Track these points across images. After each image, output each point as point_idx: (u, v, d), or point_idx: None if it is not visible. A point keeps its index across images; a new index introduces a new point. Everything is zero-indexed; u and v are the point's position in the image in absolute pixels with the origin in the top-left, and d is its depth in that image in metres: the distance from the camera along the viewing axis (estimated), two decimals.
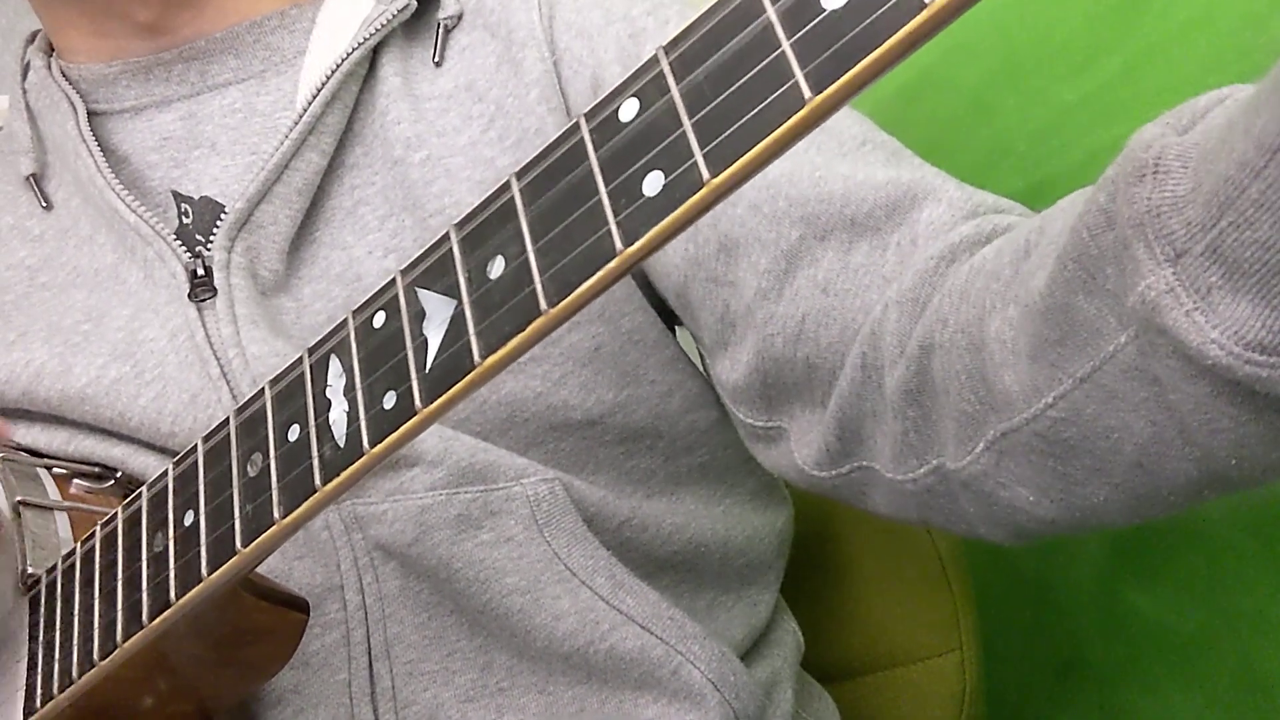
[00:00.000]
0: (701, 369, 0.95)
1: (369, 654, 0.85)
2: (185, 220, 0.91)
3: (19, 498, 0.80)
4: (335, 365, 0.59)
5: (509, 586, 0.84)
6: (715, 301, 0.84)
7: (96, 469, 0.87)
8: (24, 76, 0.99)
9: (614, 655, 0.85)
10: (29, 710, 0.74)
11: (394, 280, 0.57)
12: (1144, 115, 0.59)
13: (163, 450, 0.86)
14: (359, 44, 0.89)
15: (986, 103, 1.12)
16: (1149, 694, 1.05)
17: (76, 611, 0.72)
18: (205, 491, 0.65)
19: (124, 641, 0.68)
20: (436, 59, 0.92)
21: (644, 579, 0.88)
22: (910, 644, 1.11)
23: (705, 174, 0.45)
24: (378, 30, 0.90)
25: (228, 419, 0.66)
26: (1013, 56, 1.07)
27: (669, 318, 0.93)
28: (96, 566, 0.72)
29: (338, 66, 0.89)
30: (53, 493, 0.83)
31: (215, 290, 0.86)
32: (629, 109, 0.48)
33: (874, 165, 0.81)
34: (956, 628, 1.09)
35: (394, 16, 0.91)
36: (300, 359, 0.62)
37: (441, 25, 0.92)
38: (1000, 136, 1.10)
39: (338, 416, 0.58)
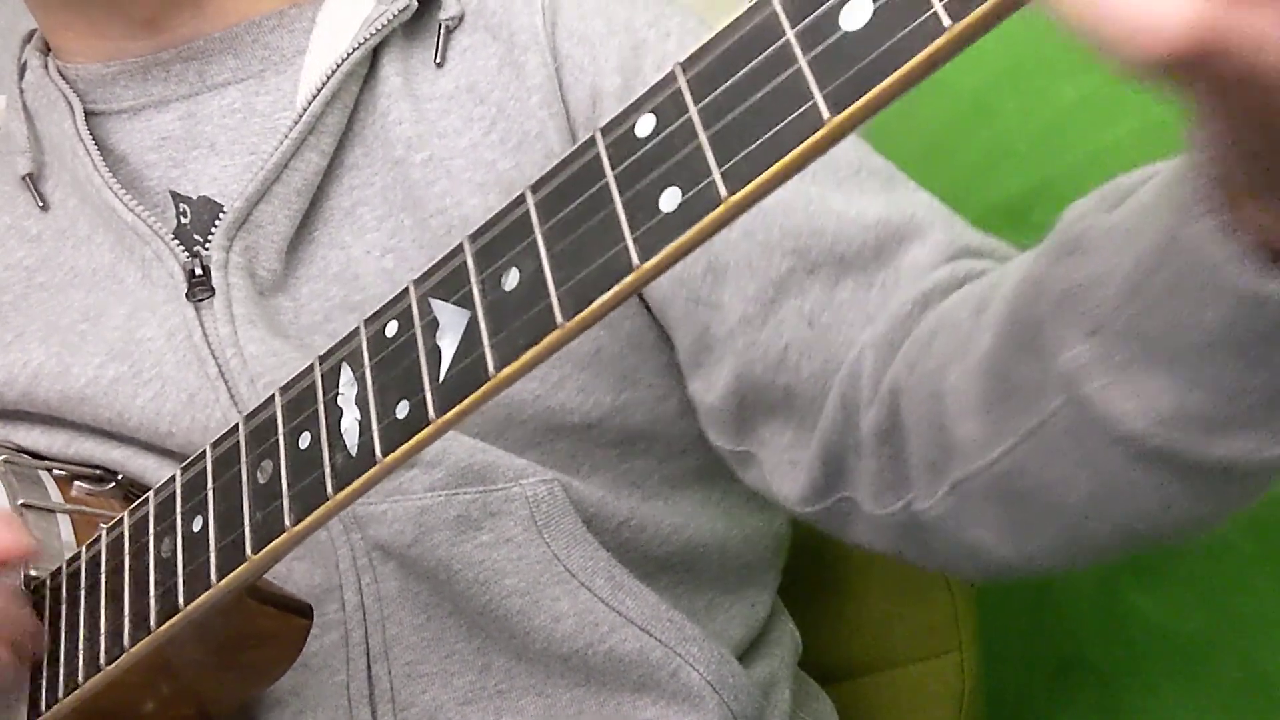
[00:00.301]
0: None
1: (368, 655, 0.85)
2: (183, 220, 0.90)
3: (21, 500, 0.80)
4: (347, 373, 0.60)
5: (508, 588, 0.84)
6: (694, 322, 0.85)
7: (97, 471, 0.87)
8: (21, 76, 0.99)
9: (613, 657, 0.85)
10: (33, 714, 0.74)
11: (407, 290, 0.58)
12: (1144, 117, 0.60)
13: (162, 451, 0.86)
14: (360, 44, 0.89)
15: (987, 104, 1.12)
16: (1149, 694, 1.05)
17: (82, 615, 0.73)
18: (214, 497, 0.65)
19: (131, 646, 0.69)
20: (438, 60, 0.91)
21: (643, 580, 0.88)
22: (909, 644, 1.11)
23: (723, 191, 0.45)
24: (379, 30, 0.90)
25: (236, 425, 0.66)
26: (1014, 57, 1.06)
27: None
28: (102, 570, 0.72)
29: (338, 66, 0.88)
30: (54, 495, 0.83)
31: (213, 290, 0.86)
32: (645, 125, 0.48)
33: (867, 197, 0.83)
34: (956, 628, 1.09)
35: (395, 16, 0.90)
36: (311, 367, 0.62)
37: (443, 26, 0.92)
38: (1001, 137, 1.10)
39: (349, 425, 0.59)
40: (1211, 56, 0.38)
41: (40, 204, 0.95)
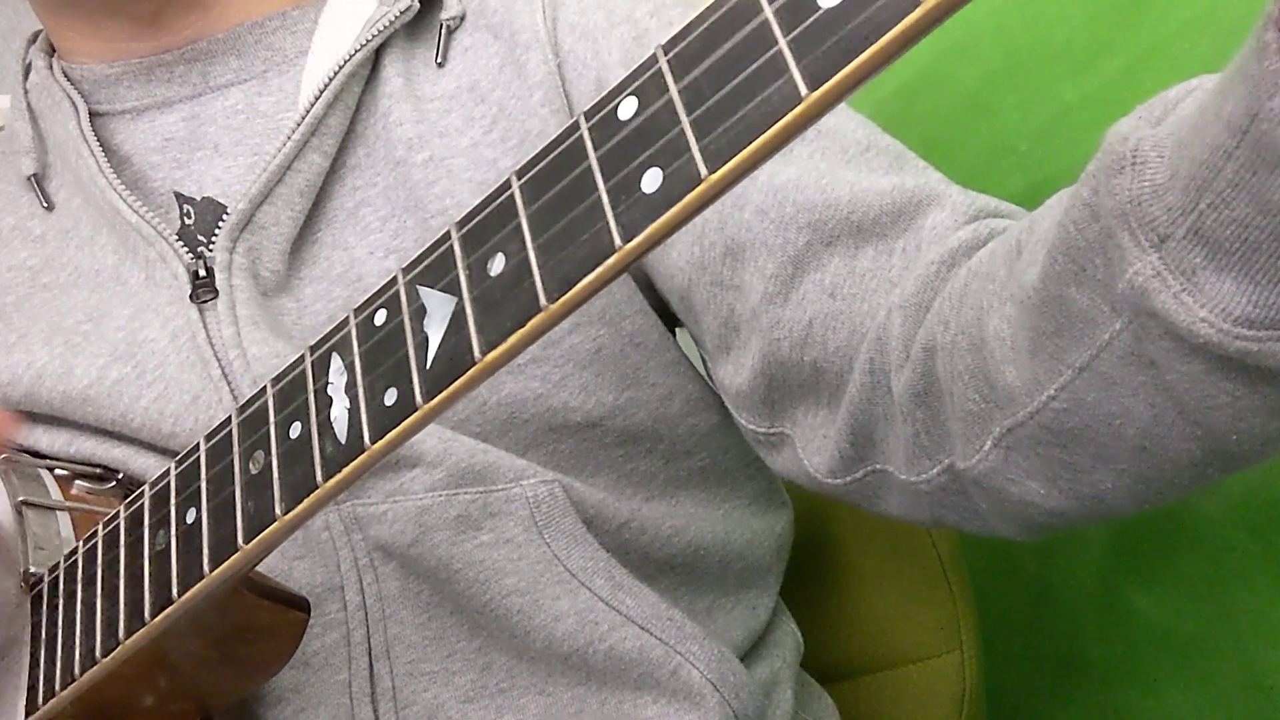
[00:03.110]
0: (703, 372, 0.95)
1: (369, 654, 0.85)
2: (187, 221, 0.91)
3: (21, 498, 0.80)
4: (336, 362, 0.60)
5: (508, 587, 0.84)
6: (720, 305, 0.84)
7: (98, 470, 0.87)
8: (25, 77, 0.99)
9: (613, 656, 0.85)
10: (31, 708, 0.74)
11: (395, 278, 0.58)
12: None
13: (164, 451, 0.86)
14: (362, 45, 0.89)
15: (986, 102, 1.12)
16: (1149, 694, 1.05)
17: (79, 609, 0.73)
18: (207, 489, 0.66)
19: (126, 638, 0.69)
20: (439, 60, 0.92)
21: (643, 581, 0.88)
22: (910, 644, 1.11)
23: (703, 170, 0.45)
24: (381, 31, 0.90)
25: (230, 417, 0.66)
26: (1013, 56, 1.07)
27: (669, 321, 0.93)
28: (99, 564, 0.73)
29: (340, 67, 0.89)
30: (55, 493, 0.83)
31: (216, 291, 0.86)
32: (628, 107, 0.48)
33: (878, 171, 0.82)
34: (956, 628, 1.09)
35: (397, 17, 0.91)
36: (302, 356, 0.62)
37: (444, 26, 0.92)
38: (1000, 136, 1.10)
39: (339, 413, 0.59)
40: None
41: (44, 204, 0.95)
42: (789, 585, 1.04)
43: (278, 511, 0.61)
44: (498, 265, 0.52)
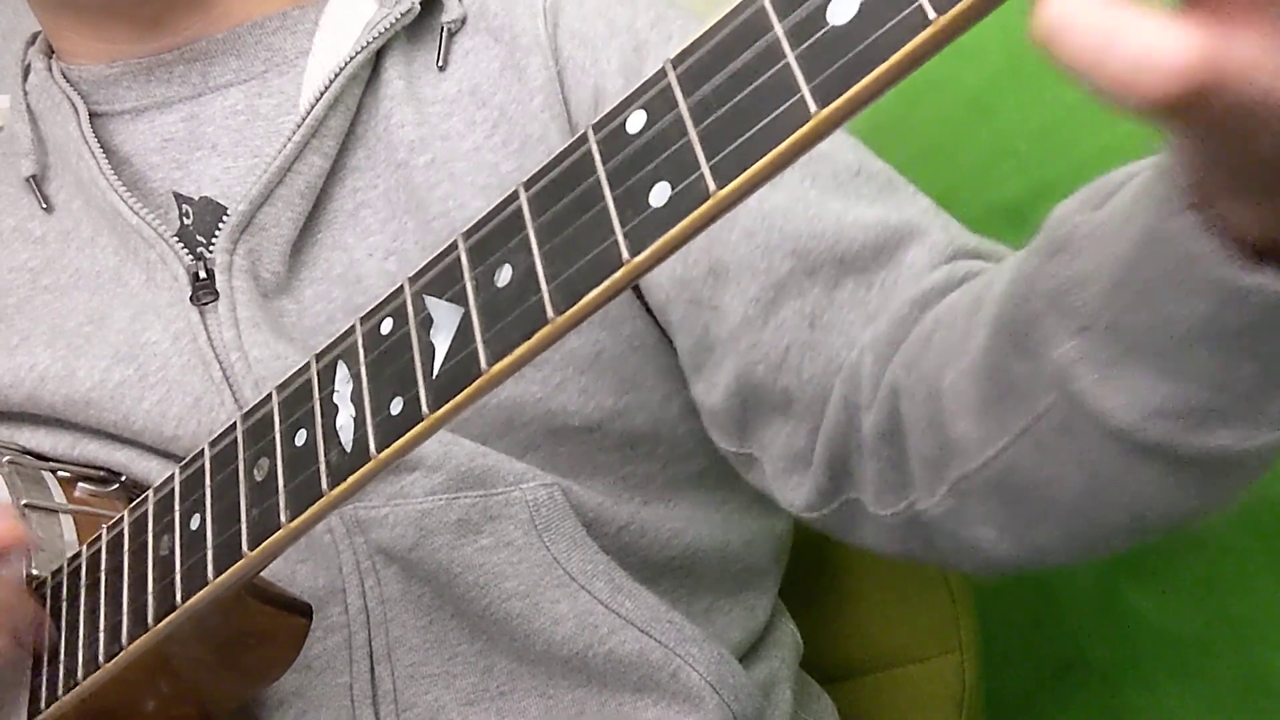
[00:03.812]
0: None
1: (370, 657, 0.85)
2: (186, 221, 0.91)
3: (24, 500, 0.80)
4: (342, 371, 0.60)
5: (508, 591, 0.84)
6: (694, 324, 0.85)
7: (101, 473, 0.87)
8: (25, 78, 0.99)
9: (613, 658, 0.85)
10: (33, 712, 0.74)
11: (402, 287, 0.58)
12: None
13: (166, 454, 0.86)
14: (363, 47, 0.89)
15: (988, 103, 1.12)
16: (1149, 694, 1.05)
17: (82, 614, 0.73)
18: (212, 495, 0.66)
19: (129, 644, 0.69)
20: (440, 63, 0.92)
21: (643, 584, 0.88)
22: (909, 645, 1.11)
23: (711, 186, 0.45)
24: (382, 33, 0.90)
25: (234, 423, 0.66)
26: (1014, 57, 1.06)
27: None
28: (102, 569, 0.73)
29: (341, 69, 0.89)
30: (58, 496, 0.83)
31: (217, 293, 0.86)
32: (636, 121, 0.48)
33: (865, 200, 0.83)
34: (956, 628, 1.09)
35: (398, 20, 0.91)
36: (308, 364, 0.62)
37: (445, 29, 0.92)
38: (1001, 137, 1.10)
39: (344, 422, 0.59)
40: (1209, 91, 0.38)
41: (44, 206, 0.95)
42: (789, 585, 1.04)
43: (283, 519, 0.61)
44: (505, 276, 0.52)
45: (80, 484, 0.86)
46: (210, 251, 0.88)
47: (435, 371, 0.55)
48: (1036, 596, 1.15)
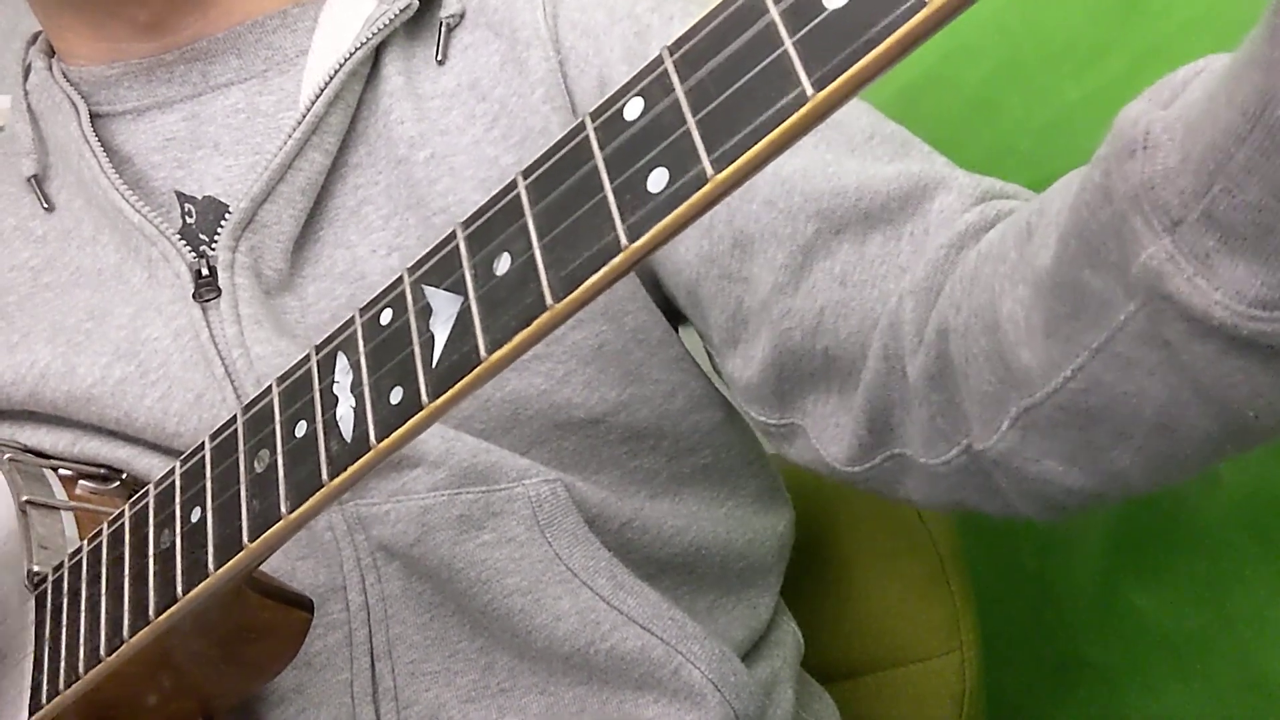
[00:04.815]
0: (706, 369, 0.95)
1: (371, 654, 0.85)
2: (188, 220, 0.91)
3: (25, 497, 0.80)
4: (342, 361, 0.60)
5: (510, 587, 0.84)
6: (728, 298, 0.85)
7: (102, 470, 0.87)
8: (25, 78, 0.99)
9: (615, 655, 0.85)
10: (35, 707, 0.74)
11: (401, 277, 0.58)
12: None
13: (168, 451, 0.86)
14: (362, 43, 0.90)
15: (990, 102, 1.12)
16: (1149, 694, 1.05)
17: (83, 608, 0.73)
18: (212, 488, 0.66)
19: (130, 637, 0.69)
20: (439, 58, 0.92)
21: (645, 581, 0.88)
22: (910, 644, 1.11)
23: (709, 171, 0.46)
24: (380, 29, 0.90)
25: (235, 416, 0.66)
26: (1016, 55, 1.07)
27: (673, 318, 0.93)
28: (103, 563, 0.73)
29: (341, 66, 0.89)
30: (59, 493, 0.83)
31: (219, 290, 0.86)
32: (634, 107, 0.49)
33: (883, 159, 0.83)
34: (956, 628, 1.09)
35: (396, 15, 0.91)
36: (308, 356, 0.62)
37: (444, 24, 0.92)
38: (1004, 135, 1.10)
39: (344, 412, 0.59)
40: None
41: (45, 205, 0.95)
42: (789, 585, 1.04)
43: (283, 510, 0.61)
44: (503, 265, 0.52)
45: (81, 481, 0.86)
46: (213, 249, 0.88)
47: (435, 361, 0.55)
48: (1036, 596, 1.15)
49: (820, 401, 0.83)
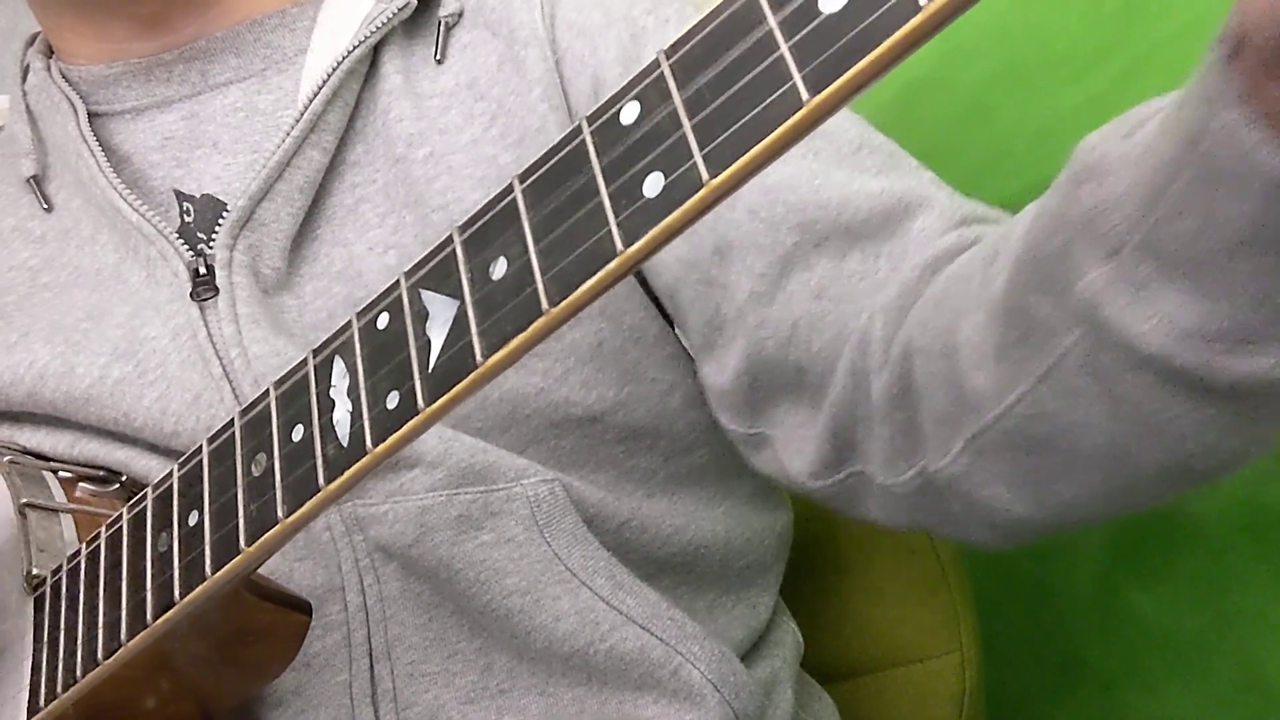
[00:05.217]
0: None
1: (370, 655, 0.85)
2: (187, 218, 0.91)
3: (24, 500, 0.80)
4: (339, 365, 0.60)
5: (509, 587, 0.84)
6: (706, 303, 0.85)
7: (101, 472, 0.87)
8: (24, 79, 0.99)
9: (614, 656, 0.85)
10: (33, 709, 0.74)
11: (398, 281, 0.58)
12: None
13: (166, 451, 0.86)
14: (360, 42, 0.90)
15: (986, 105, 1.12)
16: (1149, 694, 1.05)
17: (81, 611, 0.73)
18: (210, 491, 0.66)
19: (128, 640, 0.69)
20: (438, 57, 0.92)
21: (644, 581, 0.88)
22: (910, 644, 1.11)
23: (705, 175, 0.46)
24: (379, 28, 0.90)
25: (232, 419, 0.66)
26: (1013, 59, 1.07)
27: (668, 317, 0.93)
28: (101, 566, 0.73)
29: (339, 64, 0.89)
30: (58, 495, 0.83)
31: (217, 289, 0.86)
32: (630, 112, 0.49)
33: (869, 172, 0.83)
34: (956, 628, 1.09)
35: (395, 14, 0.91)
36: (305, 360, 0.62)
37: (442, 23, 0.92)
38: (1000, 139, 1.10)
39: (341, 416, 0.59)
40: None
41: (44, 206, 0.95)
42: (789, 585, 1.04)
43: (280, 514, 0.61)
44: (500, 269, 0.52)
45: (81, 484, 0.86)
46: (211, 248, 0.88)
47: (431, 365, 0.55)
48: (1036, 596, 1.15)
49: (790, 413, 0.83)
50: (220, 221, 0.88)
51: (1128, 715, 1.07)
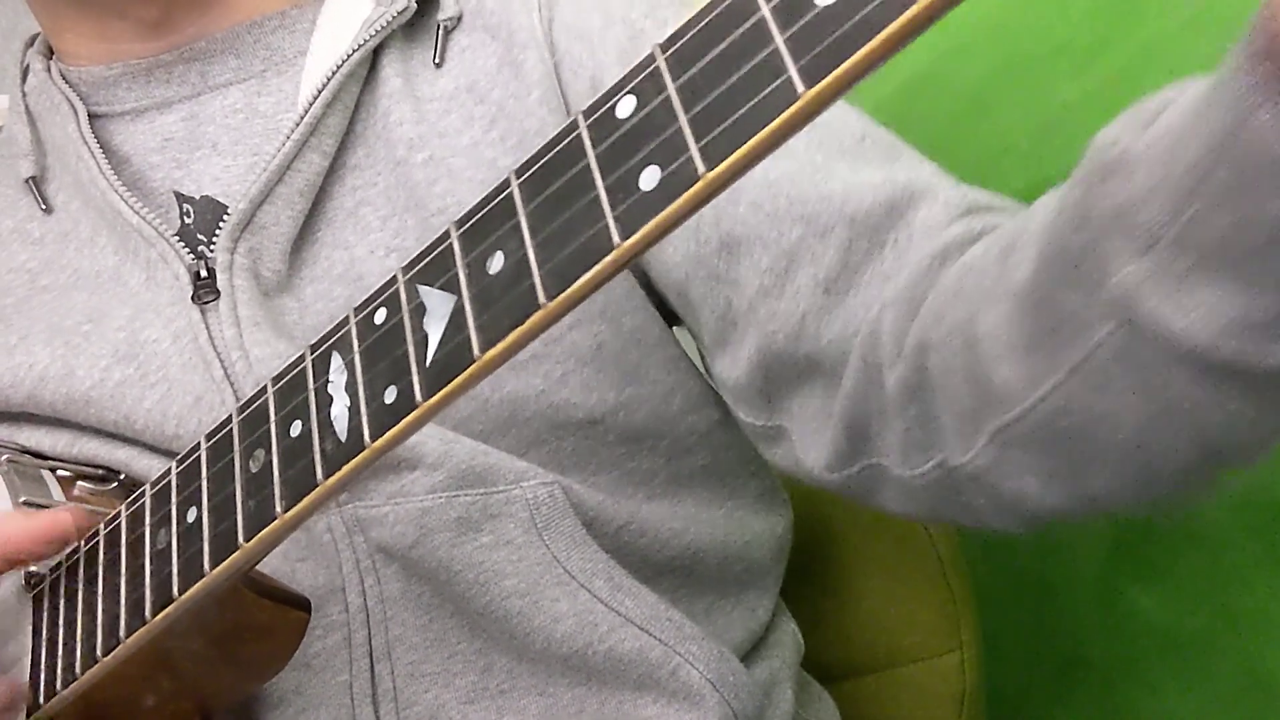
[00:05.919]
0: (702, 370, 0.95)
1: (370, 655, 0.85)
2: (187, 220, 0.91)
3: (23, 498, 0.80)
4: (337, 360, 0.60)
5: (508, 589, 0.84)
6: (717, 299, 0.85)
7: (100, 471, 0.87)
8: (23, 80, 0.99)
9: (613, 656, 0.85)
10: (32, 706, 0.74)
11: (395, 276, 0.58)
12: None
13: (166, 452, 0.86)
14: (360, 45, 0.90)
15: (987, 101, 1.12)
16: (1149, 693, 1.05)
17: (80, 608, 0.73)
18: (208, 487, 0.66)
19: (127, 637, 0.69)
20: (437, 60, 0.92)
21: (642, 583, 0.88)
22: (910, 644, 1.11)
23: (700, 168, 0.45)
24: (378, 32, 0.90)
25: (230, 416, 0.66)
26: (1013, 55, 1.07)
27: (669, 318, 0.93)
28: (100, 563, 0.73)
29: (339, 67, 0.89)
30: (57, 494, 0.83)
31: (218, 292, 0.86)
32: (626, 105, 0.49)
33: (872, 163, 0.83)
34: (956, 627, 1.09)
35: (394, 18, 0.91)
36: (302, 355, 0.62)
37: (441, 26, 0.92)
38: (1001, 135, 1.10)
39: (339, 411, 0.59)
40: None
41: (43, 207, 0.95)
42: (789, 585, 1.04)
43: (278, 509, 0.61)
44: (497, 263, 0.52)
45: (79, 482, 0.86)
46: (211, 250, 0.88)
47: (429, 359, 0.55)
48: (1037, 596, 1.15)
49: (804, 406, 0.83)
50: (220, 224, 0.88)
51: (1129, 714, 1.07)
